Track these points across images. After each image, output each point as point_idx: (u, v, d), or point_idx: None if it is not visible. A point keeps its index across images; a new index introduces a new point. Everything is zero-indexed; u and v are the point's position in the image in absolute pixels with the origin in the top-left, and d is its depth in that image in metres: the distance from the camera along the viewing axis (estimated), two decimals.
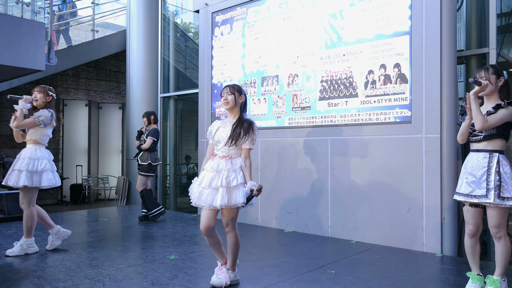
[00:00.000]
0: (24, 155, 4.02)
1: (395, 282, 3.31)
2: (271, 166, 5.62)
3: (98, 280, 3.27)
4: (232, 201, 2.99)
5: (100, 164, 10.98)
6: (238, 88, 3.22)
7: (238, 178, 3.02)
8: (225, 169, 3.04)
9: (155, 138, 5.93)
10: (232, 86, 3.22)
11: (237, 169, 3.06)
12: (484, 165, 2.86)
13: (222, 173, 3.02)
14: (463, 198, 2.95)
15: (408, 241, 4.38)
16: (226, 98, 3.16)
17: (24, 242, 4.08)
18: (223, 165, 3.06)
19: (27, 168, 3.94)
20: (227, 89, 3.19)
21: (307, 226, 5.19)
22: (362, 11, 4.80)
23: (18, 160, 4.02)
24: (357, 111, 4.82)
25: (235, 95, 3.17)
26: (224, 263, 3.24)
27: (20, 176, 3.94)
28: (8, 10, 6.87)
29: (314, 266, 3.71)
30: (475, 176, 2.88)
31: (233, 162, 3.08)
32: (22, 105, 4.05)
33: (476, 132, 2.94)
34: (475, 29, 4.86)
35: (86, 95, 11.19)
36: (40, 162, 4.01)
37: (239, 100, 3.19)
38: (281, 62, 5.57)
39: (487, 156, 2.88)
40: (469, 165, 2.94)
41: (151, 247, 4.41)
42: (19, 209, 5.84)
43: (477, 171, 2.88)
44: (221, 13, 6.34)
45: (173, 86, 8.49)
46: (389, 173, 4.54)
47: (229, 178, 3.01)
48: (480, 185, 2.85)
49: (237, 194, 3.00)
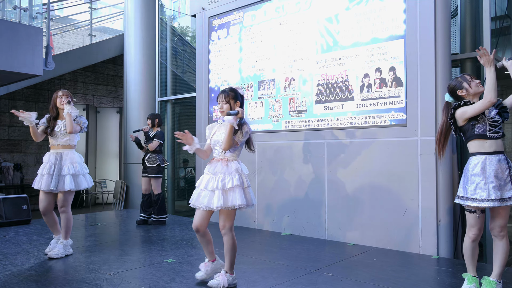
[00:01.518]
0: (72, 159, 4.12)
1: (392, 284, 3.33)
2: (268, 169, 5.64)
3: (96, 284, 3.28)
4: (229, 203, 3.09)
5: (98, 168, 10.97)
6: (234, 94, 3.25)
7: (233, 180, 3.10)
8: (221, 171, 3.13)
9: (161, 140, 5.99)
10: (227, 94, 3.24)
11: (233, 172, 3.14)
12: (506, 167, 2.85)
13: (218, 176, 3.13)
14: (498, 203, 2.79)
15: (405, 243, 4.40)
16: (222, 107, 3.23)
17: (67, 243, 4.18)
18: (219, 168, 3.15)
19: (82, 172, 4.16)
20: (222, 96, 3.24)
21: (304, 229, 5.21)
22: (358, 15, 4.85)
23: (64, 165, 4.08)
24: (353, 115, 4.85)
25: (230, 103, 3.23)
26: (211, 260, 3.36)
27: (77, 180, 4.12)
28: (6, 16, 6.89)
29: (311, 269, 3.73)
30: (500, 180, 2.82)
31: (229, 165, 3.17)
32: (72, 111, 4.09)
33: (497, 128, 2.87)
34: (470, 33, 4.91)
35: (84, 99, 11.21)
36: (84, 165, 4.25)
37: (234, 107, 3.23)
38: (278, 66, 5.60)
39: (502, 158, 2.87)
40: (493, 169, 2.82)
41: (148, 251, 4.42)
42: (16, 214, 5.91)
43: (501, 174, 2.83)
44: (218, 18, 6.38)
45: (170, 90, 8.51)
46: (385, 176, 4.57)
47: (224, 180, 3.10)
48: (505, 187, 2.81)
49: (233, 196, 3.09)
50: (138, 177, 7.34)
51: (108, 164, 11.14)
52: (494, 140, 2.86)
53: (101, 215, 7.21)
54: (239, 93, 3.30)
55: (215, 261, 3.39)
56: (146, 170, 6.02)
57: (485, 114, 2.90)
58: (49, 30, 6.82)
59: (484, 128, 2.88)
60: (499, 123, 2.89)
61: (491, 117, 2.89)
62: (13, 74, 6.30)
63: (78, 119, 4.18)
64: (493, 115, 2.89)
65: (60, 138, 4.12)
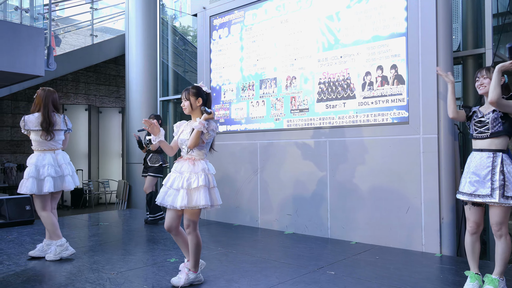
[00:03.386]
0: (65, 160, 4.22)
1: (394, 282, 3.32)
2: (270, 168, 5.64)
3: (99, 284, 3.29)
4: (193, 203, 3.09)
5: (101, 168, 11.00)
6: (195, 91, 3.25)
7: (199, 180, 3.10)
8: (187, 171, 3.13)
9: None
10: (188, 91, 3.25)
11: (199, 172, 3.13)
12: (488, 165, 2.89)
13: (184, 175, 3.12)
14: (466, 197, 2.99)
15: (407, 241, 4.40)
16: (183, 104, 3.25)
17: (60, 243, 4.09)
18: (186, 167, 3.15)
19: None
20: (183, 94, 3.26)
21: (307, 228, 5.21)
22: (359, 13, 4.84)
23: (62, 166, 4.14)
24: (355, 113, 4.85)
25: (190, 100, 3.23)
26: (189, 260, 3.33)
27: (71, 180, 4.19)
28: (7, 16, 6.90)
29: (313, 267, 3.73)
30: (478, 176, 2.92)
31: (196, 164, 3.16)
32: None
33: (483, 129, 2.95)
34: (471, 30, 4.89)
35: (86, 99, 11.23)
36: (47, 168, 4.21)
37: (196, 103, 3.23)
38: (279, 64, 5.60)
39: (491, 156, 2.91)
40: (473, 165, 2.98)
41: (151, 251, 4.43)
42: (20, 214, 5.93)
43: (481, 170, 2.91)
44: (219, 17, 6.38)
45: (172, 89, 8.52)
46: (387, 174, 4.56)
47: (190, 180, 3.10)
48: (484, 184, 2.88)
49: (198, 196, 3.09)
50: (141, 177, 7.35)
51: (110, 164, 11.17)
52: (479, 140, 2.99)
53: (104, 215, 7.23)
54: (202, 90, 3.29)
55: None
56: (147, 170, 6.04)
57: (474, 115, 3.06)
58: (51, 31, 6.83)
59: (472, 128, 3.07)
60: (486, 123, 2.96)
61: (478, 119, 3.02)
62: (15, 75, 6.31)
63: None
64: (485, 118, 2.97)
65: (59, 141, 4.28)
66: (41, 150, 4.10)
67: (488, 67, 3.06)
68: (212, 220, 6.26)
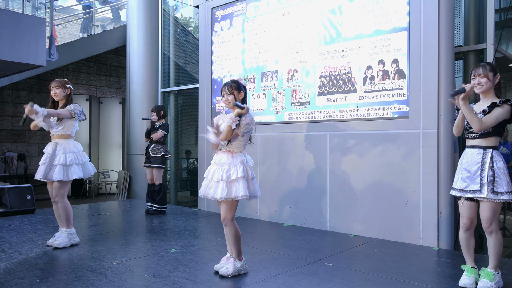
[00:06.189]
0: (65, 149, 4.09)
1: (392, 274, 3.37)
2: (271, 160, 5.67)
3: (100, 273, 3.33)
4: (232, 194, 3.16)
5: (101, 159, 11.04)
6: (237, 85, 3.30)
7: (237, 172, 3.17)
8: (227, 163, 3.20)
9: (166, 131, 6.05)
10: (230, 85, 3.29)
11: (238, 164, 3.20)
12: (478, 161, 2.94)
13: (224, 167, 3.20)
14: (459, 193, 3.05)
15: (405, 234, 4.44)
16: (227, 99, 3.27)
17: (70, 232, 4.19)
18: (225, 159, 3.22)
19: (77, 162, 4.11)
20: (225, 89, 3.28)
21: (306, 220, 5.25)
22: (361, 6, 4.83)
23: (57, 155, 4.05)
24: (356, 107, 4.86)
25: (234, 94, 3.27)
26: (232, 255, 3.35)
27: (68, 170, 4.06)
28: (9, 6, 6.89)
29: (312, 259, 3.78)
30: (469, 172, 2.97)
31: (234, 156, 3.23)
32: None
33: (472, 129, 3.00)
34: (473, 25, 4.88)
35: (87, 90, 11.23)
36: (83, 154, 4.22)
37: (238, 97, 3.28)
38: (281, 57, 5.60)
39: (481, 152, 2.96)
40: (464, 161, 3.04)
41: (152, 241, 4.48)
42: (21, 203, 5.97)
43: (471, 166, 2.97)
44: (221, 8, 6.37)
45: (173, 81, 8.52)
46: (387, 168, 4.59)
47: (229, 172, 3.17)
48: (475, 180, 2.94)
49: (237, 188, 3.16)
50: (141, 168, 7.39)
51: (111, 155, 11.20)
52: (471, 139, 3.04)
53: (104, 205, 7.27)
54: (241, 84, 3.34)
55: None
56: (149, 160, 6.07)
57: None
58: (52, 21, 6.82)
59: (466, 128, 3.09)
60: None
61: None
62: (16, 65, 6.32)
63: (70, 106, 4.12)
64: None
65: (55, 128, 4.12)
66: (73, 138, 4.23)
67: (483, 64, 3.03)
68: (212, 212, 6.30)
